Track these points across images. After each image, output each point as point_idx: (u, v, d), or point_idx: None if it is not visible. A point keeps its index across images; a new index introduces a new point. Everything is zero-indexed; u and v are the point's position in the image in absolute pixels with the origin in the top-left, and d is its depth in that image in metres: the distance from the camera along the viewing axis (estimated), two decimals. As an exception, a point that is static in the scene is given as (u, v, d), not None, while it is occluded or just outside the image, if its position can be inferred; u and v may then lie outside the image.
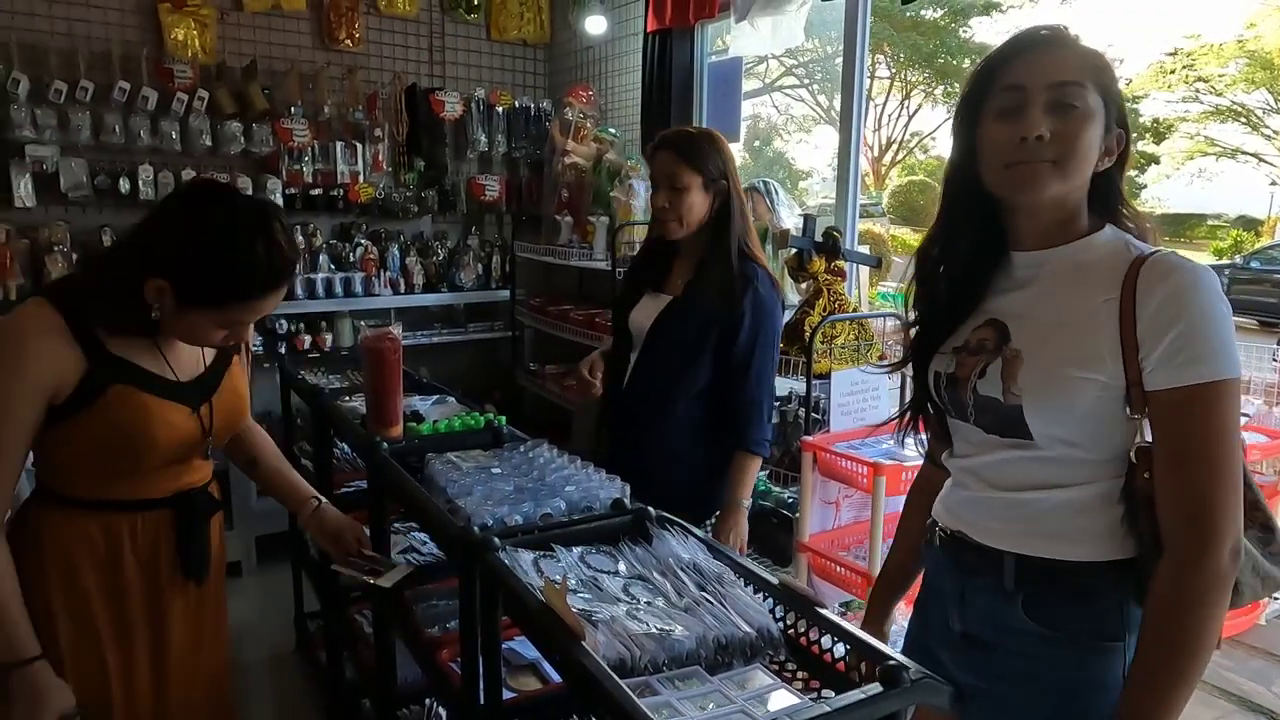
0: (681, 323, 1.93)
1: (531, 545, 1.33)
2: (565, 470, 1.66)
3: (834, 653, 1.14)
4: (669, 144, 1.92)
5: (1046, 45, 1.14)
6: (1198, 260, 1.11)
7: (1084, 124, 1.11)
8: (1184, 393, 1.03)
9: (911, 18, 19.61)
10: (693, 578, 1.28)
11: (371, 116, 3.87)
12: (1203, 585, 1.01)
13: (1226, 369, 1.02)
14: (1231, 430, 1.02)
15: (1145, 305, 1.05)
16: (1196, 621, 1.01)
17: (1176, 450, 1.04)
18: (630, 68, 3.70)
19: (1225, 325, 1.04)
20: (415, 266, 3.93)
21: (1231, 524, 1.01)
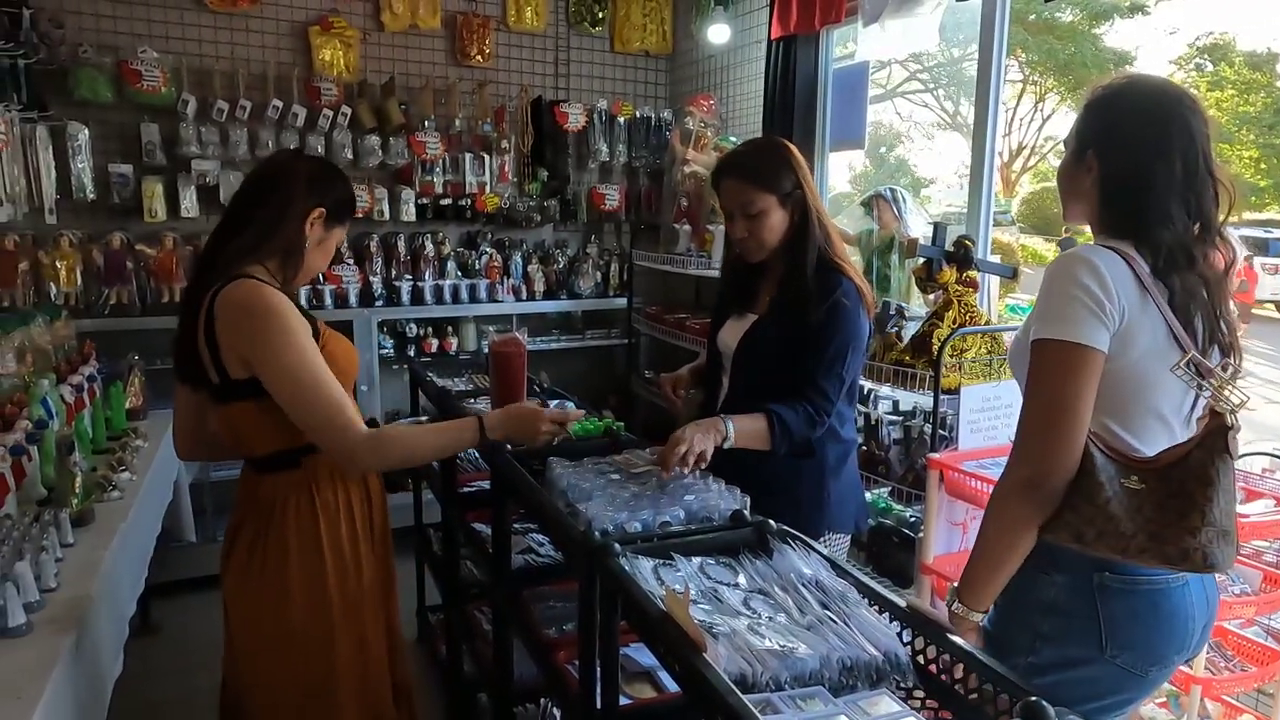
0: (765, 342, 1.86)
1: (651, 553, 1.33)
2: (684, 479, 1.66)
3: (966, 683, 1.09)
4: (735, 169, 1.85)
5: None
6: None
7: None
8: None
9: (1046, 20, 18.62)
10: (815, 595, 1.25)
11: (499, 129, 4.00)
12: (996, 495, 1.33)
13: (1042, 331, 1.27)
14: (1043, 381, 1.27)
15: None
16: (989, 521, 1.33)
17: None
18: (752, 75, 3.67)
19: (1054, 296, 1.28)
20: (536, 274, 4.04)
21: (1023, 460, 1.28)
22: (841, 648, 1.11)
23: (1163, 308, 1.28)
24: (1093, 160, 1.35)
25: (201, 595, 3.21)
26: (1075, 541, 1.28)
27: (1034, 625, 1.36)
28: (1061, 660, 1.35)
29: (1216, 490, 1.22)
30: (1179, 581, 1.34)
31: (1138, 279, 1.28)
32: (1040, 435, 1.26)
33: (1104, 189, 1.35)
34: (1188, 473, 1.25)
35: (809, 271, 1.82)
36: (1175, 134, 1.29)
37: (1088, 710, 1.40)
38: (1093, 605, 1.33)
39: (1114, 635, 1.32)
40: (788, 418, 1.78)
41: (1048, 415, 1.26)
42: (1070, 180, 1.41)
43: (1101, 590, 1.33)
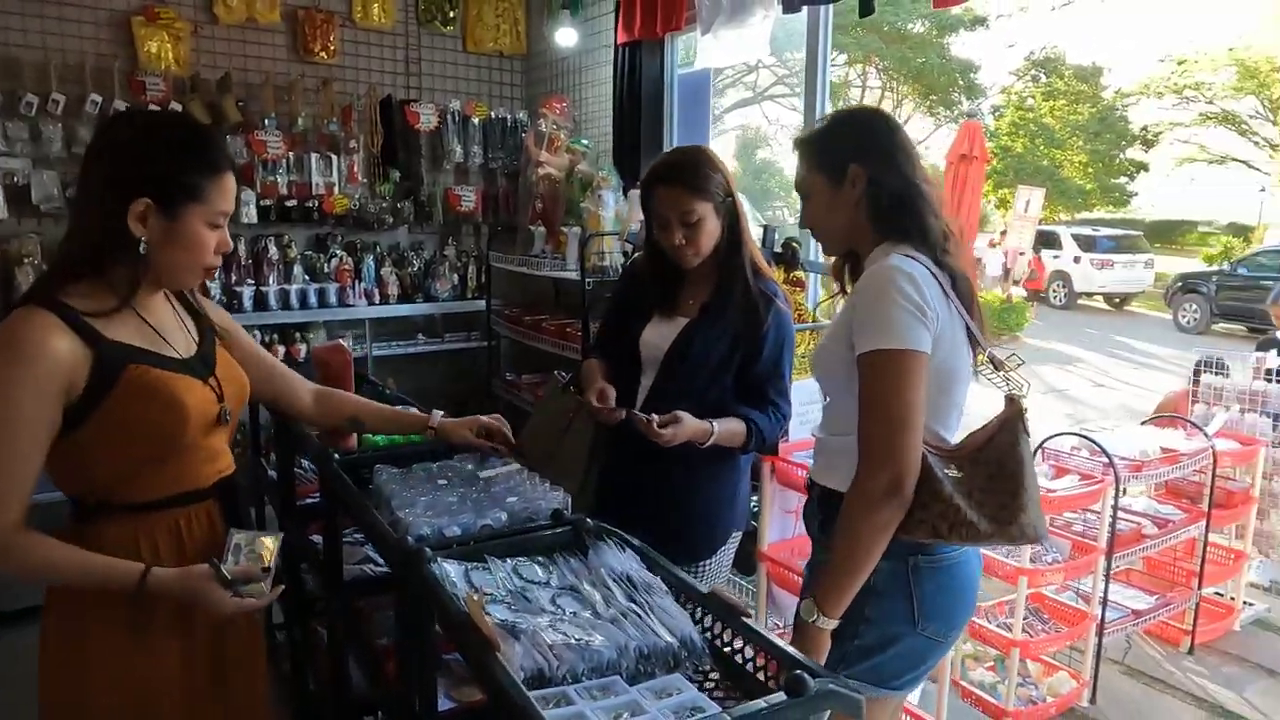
0: (704, 346, 1.86)
1: (465, 557, 1.34)
2: (511, 481, 1.68)
3: (755, 662, 1.16)
4: (668, 177, 1.84)
5: None
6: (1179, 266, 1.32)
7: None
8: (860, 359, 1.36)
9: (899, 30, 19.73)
10: (623, 588, 1.29)
11: (346, 128, 3.89)
12: (861, 505, 1.34)
13: (875, 343, 1.33)
14: (883, 390, 1.33)
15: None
16: (857, 532, 1.34)
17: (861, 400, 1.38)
18: (602, 79, 3.73)
19: (878, 307, 1.34)
20: (390, 277, 3.95)
21: (882, 465, 1.32)
22: (638, 637, 1.15)
23: (957, 306, 1.40)
24: (858, 174, 1.44)
25: None
26: (934, 536, 1.37)
27: (861, 610, 1.43)
28: (883, 640, 1.45)
29: (1029, 467, 1.38)
30: (967, 553, 1.49)
31: (938, 282, 1.39)
32: (893, 439, 1.32)
33: (875, 199, 1.44)
34: (1002, 455, 1.38)
35: (749, 278, 1.85)
36: (901, 135, 1.46)
37: (904, 681, 1.51)
38: (908, 586, 1.44)
39: (924, 610, 1.45)
40: (761, 423, 1.85)
41: (897, 419, 1.32)
42: (830, 208, 1.48)
43: (915, 572, 1.44)
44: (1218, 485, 3.73)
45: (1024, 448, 1.38)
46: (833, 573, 1.37)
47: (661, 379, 1.89)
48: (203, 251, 1.37)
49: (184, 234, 1.33)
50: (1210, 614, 3.86)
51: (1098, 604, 3.29)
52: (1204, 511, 3.66)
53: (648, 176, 1.90)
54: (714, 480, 1.89)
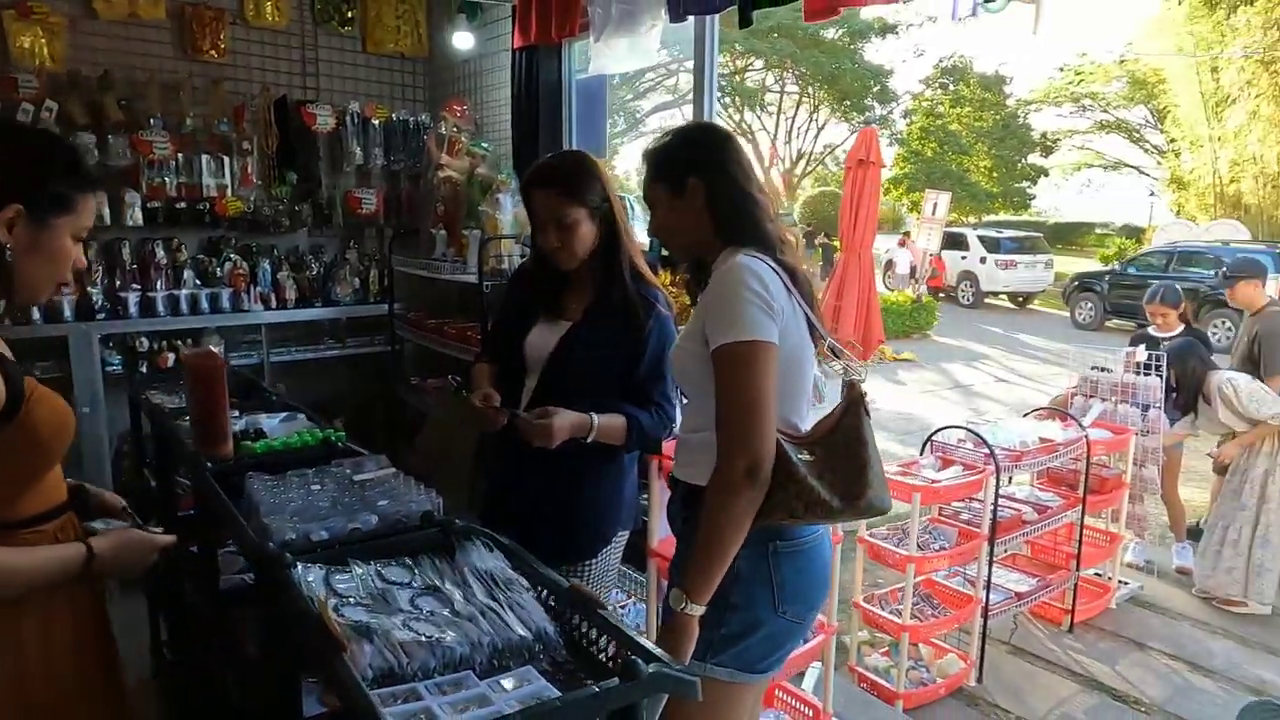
0: (586, 350, 1.88)
1: (329, 561, 1.35)
2: (386, 485, 1.68)
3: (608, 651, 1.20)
4: (545, 181, 1.86)
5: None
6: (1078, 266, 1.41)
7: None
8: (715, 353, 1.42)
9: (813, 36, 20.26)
10: (484, 587, 1.32)
11: (239, 128, 3.79)
12: (722, 492, 1.39)
13: (727, 336, 1.39)
14: (736, 380, 1.39)
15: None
16: (719, 519, 1.39)
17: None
18: (502, 83, 3.73)
19: (728, 304, 1.41)
20: (288, 281, 3.87)
21: (740, 451, 1.37)
22: (491, 632, 1.18)
23: (798, 300, 1.49)
24: (696, 186, 1.52)
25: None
26: (790, 518, 1.44)
27: (726, 598, 1.48)
28: (747, 625, 1.51)
29: (872, 446, 1.48)
30: (820, 534, 1.57)
31: (781, 278, 1.46)
32: (749, 425, 1.38)
33: (716, 206, 1.52)
34: (849, 437, 1.48)
35: (628, 282, 1.87)
36: (736, 150, 1.57)
37: (768, 664, 1.58)
38: (768, 571, 1.50)
39: (784, 594, 1.51)
40: (643, 420, 1.86)
41: (751, 406, 1.38)
42: (674, 217, 1.57)
43: (774, 556, 1.50)
44: (1093, 472, 3.97)
45: (867, 428, 1.48)
46: (698, 560, 1.42)
47: (545, 382, 1.91)
48: (64, 264, 1.34)
49: (50, 245, 1.30)
50: (1089, 593, 4.10)
51: (982, 588, 3.47)
52: (1080, 497, 3.89)
53: (525, 180, 1.92)
54: (599, 481, 1.91)
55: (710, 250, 1.56)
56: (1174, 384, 4.48)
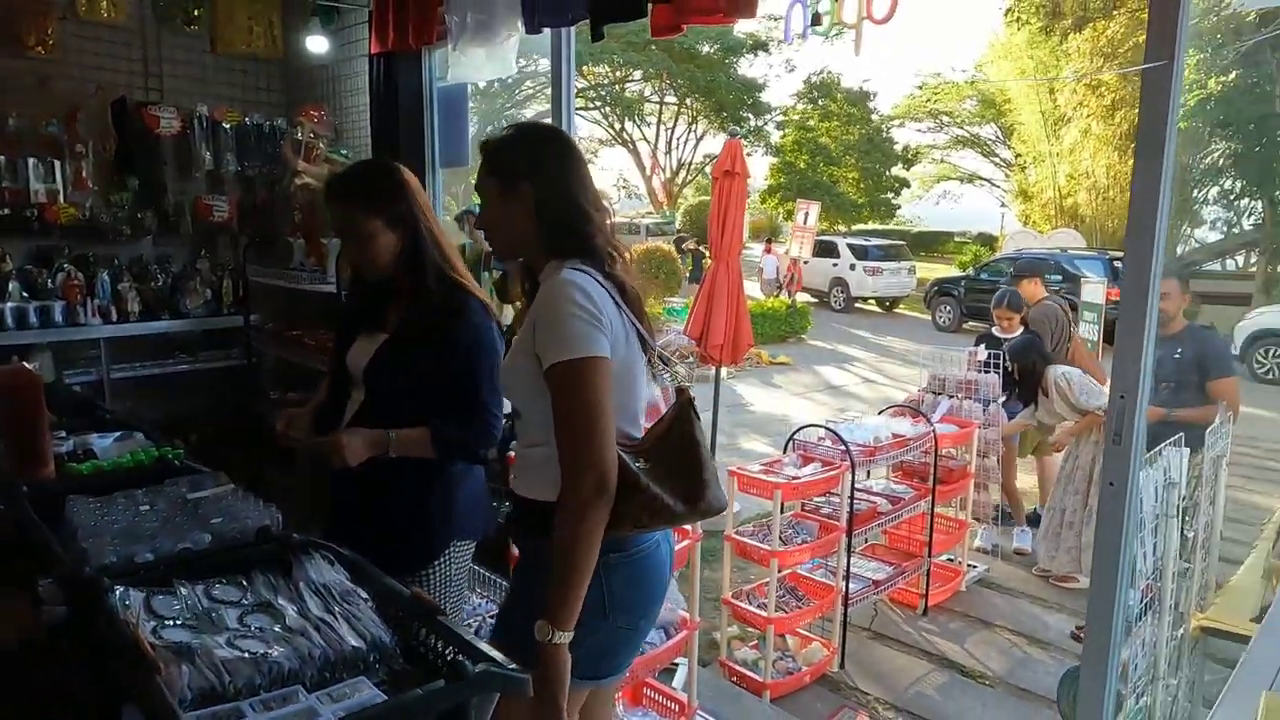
0: (397, 362, 1.85)
1: (152, 582, 1.29)
2: (223, 502, 1.62)
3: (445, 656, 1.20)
4: (341, 193, 1.86)
5: None
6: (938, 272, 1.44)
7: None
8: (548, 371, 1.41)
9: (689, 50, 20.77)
10: (320, 600, 1.30)
11: (71, 130, 3.54)
12: (573, 510, 1.38)
13: (560, 355, 1.39)
14: (573, 398, 1.38)
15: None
16: (574, 539, 1.37)
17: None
18: (361, 88, 3.65)
19: (557, 321, 1.40)
20: (130, 293, 3.64)
21: (586, 467, 1.37)
22: (324, 646, 1.17)
23: (626, 312, 1.50)
24: (527, 190, 1.50)
25: None
26: (637, 527, 1.45)
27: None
28: (581, 634, 1.47)
29: (705, 447, 1.52)
30: (657, 542, 1.58)
31: (606, 289, 1.46)
32: (590, 442, 1.37)
33: (544, 215, 1.50)
34: (683, 441, 1.51)
35: (434, 292, 1.84)
36: (575, 160, 1.54)
37: (602, 668, 1.56)
38: (599, 582, 1.48)
39: (614, 603, 1.50)
40: (451, 432, 1.82)
41: (591, 423, 1.37)
42: (501, 214, 1.54)
43: (606, 568, 1.47)
44: (941, 464, 4.25)
45: (698, 431, 1.52)
46: (557, 584, 1.39)
47: (367, 396, 1.89)
48: None
49: None
50: (941, 578, 4.38)
51: (842, 578, 3.65)
52: (930, 488, 4.15)
53: (325, 190, 1.91)
54: (422, 492, 1.87)
55: (535, 256, 1.55)
56: (1017, 378, 4.87)
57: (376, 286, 1.91)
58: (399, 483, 1.85)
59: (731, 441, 7.66)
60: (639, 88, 25.12)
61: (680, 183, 29.15)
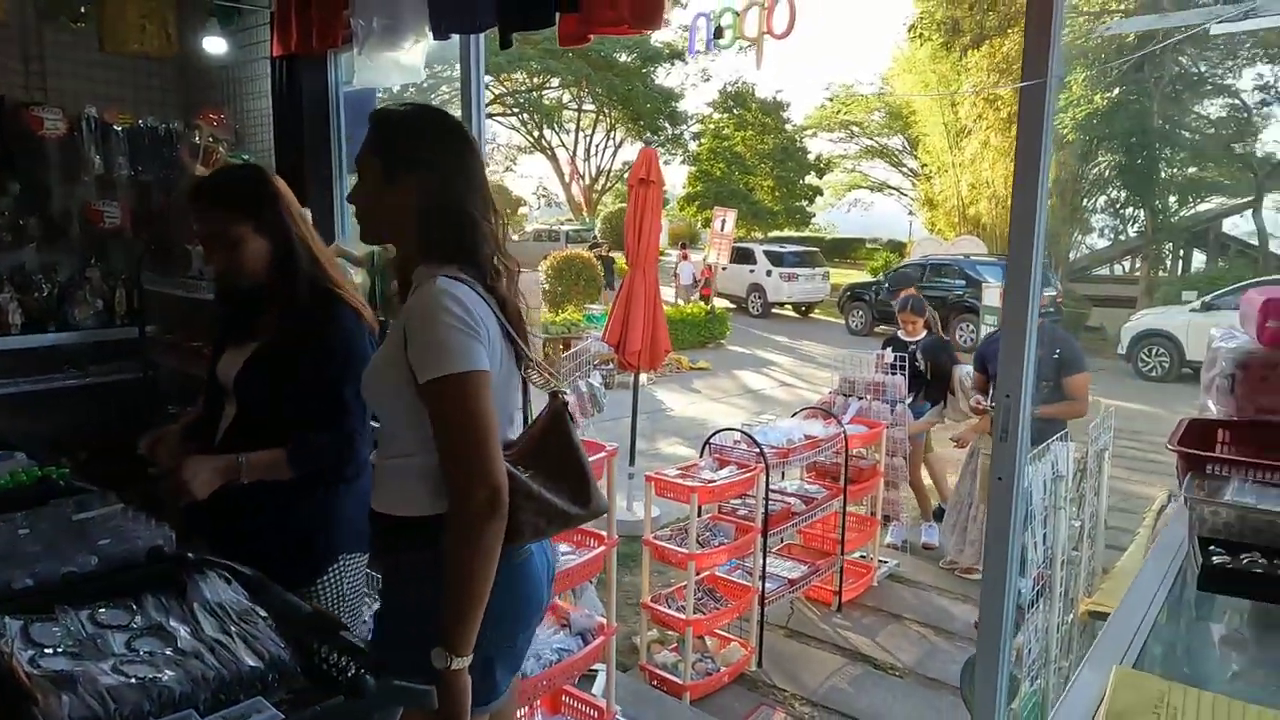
0: (266, 372, 1.79)
1: (30, 609, 1.23)
2: (111, 523, 1.55)
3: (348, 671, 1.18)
4: (207, 197, 1.80)
5: None
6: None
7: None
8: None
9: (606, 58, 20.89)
10: (215, 620, 1.25)
11: (-59, 131, 3.32)
12: (466, 529, 1.32)
13: (439, 369, 1.32)
14: (457, 413, 1.33)
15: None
16: (470, 559, 1.31)
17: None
18: (263, 92, 3.54)
19: (433, 334, 1.33)
20: (10, 304, 3.42)
21: (477, 483, 1.31)
22: (218, 667, 1.13)
23: (503, 322, 1.44)
24: (413, 181, 1.40)
25: None
26: (535, 535, 1.42)
27: (423, 625, 1.36)
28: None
29: (583, 450, 1.51)
30: (530, 552, 1.49)
31: (485, 301, 1.40)
32: (479, 457, 1.31)
33: (426, 211, 1.41)
34: (561, 445, 1.49)
35: (303, 299, 1.78)
36: (472, 161, 1.45)
37: (486, 690, 1.46)
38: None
39: (493, 615, 1.36)
40: (310, 448, 1.75)
41: (480, 436, 1.32)
42: (379, 203, 1.44)
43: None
44: (852, 464, 4.39)
45: (575, 435, 1.50)
46: (454, 608, 1.31)
47: (238, 408, 1.82)
48: None
49: None
50: (854, 574, 4.52)
51: (759, 578, 3.72)
52: (841, 487, 4.28)
53: (189, 195, 1.85)
54: (302, 506, 1.80)
55: (407, 255, 1.47)
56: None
57: (246, 295, 1.84)
58: (272, 500, 1.77)
59: (652, 446, 7.71)
60: (558, 95, 25.10)
61: (600, 189, 29.22)
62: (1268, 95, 17.13)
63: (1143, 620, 0.92)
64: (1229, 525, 1.03)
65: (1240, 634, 1.02)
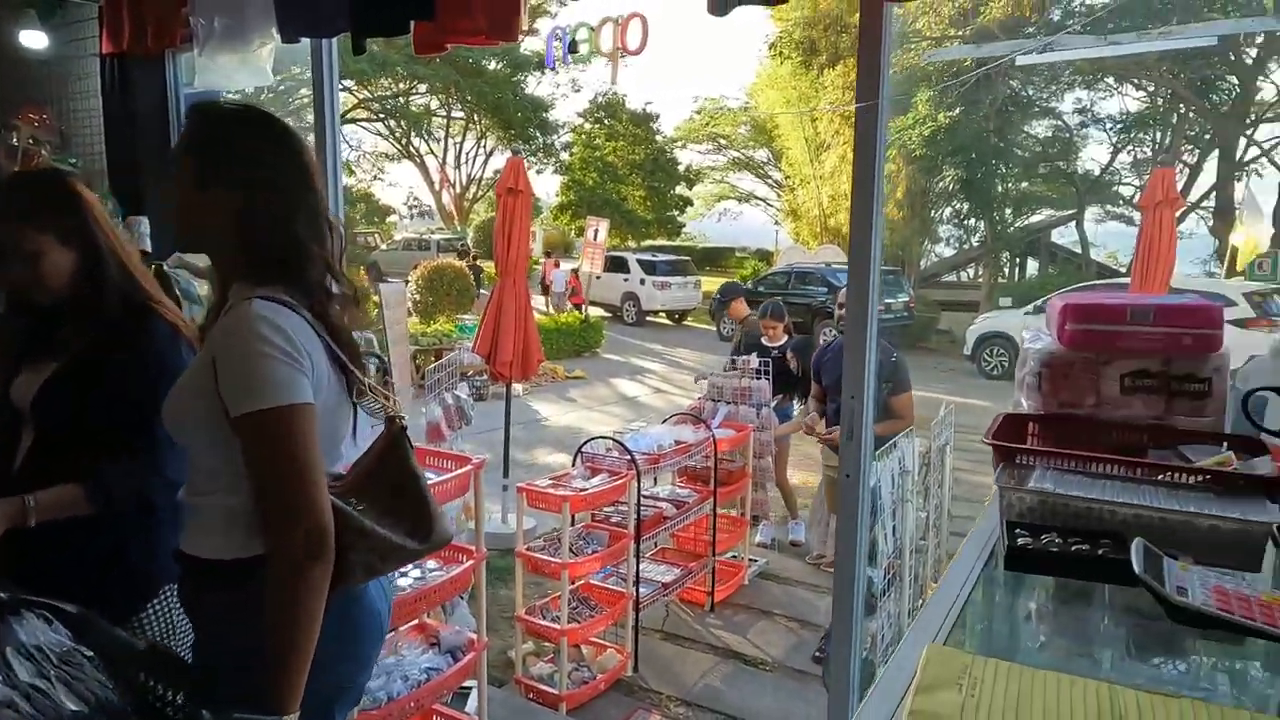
0: (69, 395, 1.63)
1: None
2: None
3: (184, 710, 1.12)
4: (4, 207, 1.65)
5: None
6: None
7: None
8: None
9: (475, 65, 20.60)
10: (31, 665, 1.16)
11: None
12: (281, 574, 1.20)
13: (255, 403, 1.20)
14: (277, 450, 1.21)
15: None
16: (292, 607, 1.19)
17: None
18: (92, 91, 3.29)
19: (247, 362, 1.21)
20: None
21: (299, 521, 1.19)
22: (35, 714, 1.05)
23: (330, 345, 1.32)
24: (224, 191, 1.28)
25: None
26: (369, 575, 1.31)
27: (247, 685, 1.23)
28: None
29: (424, 478, 1.42)
30: (363, 588, 1.38)
31: (309, 324, 1.29)
32: (302, 496, 1.20)
33: (247, 225, 1.28)
34: (399, 474, 1.38)
35: (113, 313, 1.65)
36: (301, 171, 1.32)
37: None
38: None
39: (327, 653, 1.26)
40: (106, 478, 1.60)
41: (301, 475, 1.21)
42: (194, 209, 1.31)
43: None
44: (721, 467, 4.52)
45: (414, 461, 1.39)
46: (275, 662, 1.19)
47: (38, 434, 1.67)
48: None
49: None
50: (725, 574, 4.65)
51: (633, 584, 3.77)
52: (711, 490, 4.40)
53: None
54: (112, 538, 1.67)
55: (225, 270, 1.35)
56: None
57: (47, 311, 1.68)
58: (78, 534, 1.62)
59: (529, 457, 7.66)
60: (426, 101, 24.55)
61: (472, 198, 28.77)
62: (1085, 117, 18.98)
63: (956, 599, 1.00)
64: (1032, 510, 1.14)
65: (1046, 608, 1.13)
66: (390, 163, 27.42)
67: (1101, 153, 20.81)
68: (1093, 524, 1.09)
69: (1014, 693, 0.73)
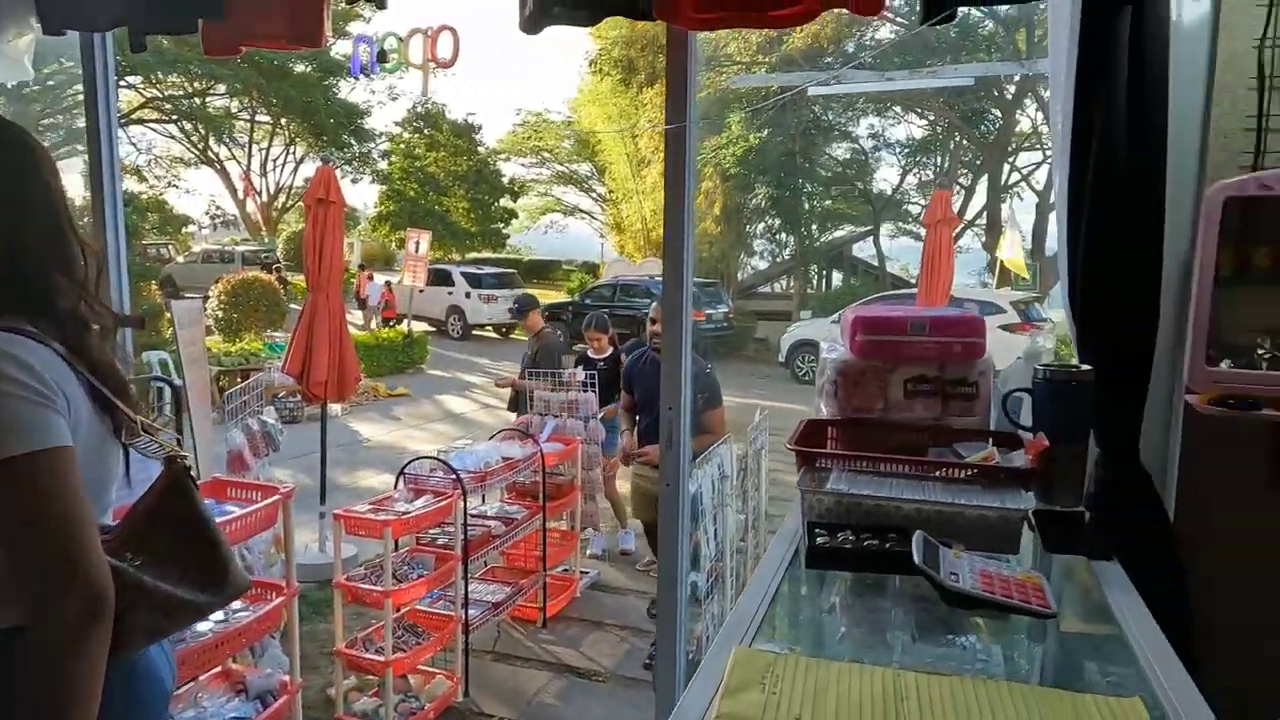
0: None
1: None
2: None
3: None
4: None
5: None
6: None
7: None
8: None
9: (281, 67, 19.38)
10: None
11: None
12: (49, 646, 1.05)
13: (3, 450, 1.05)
14: (34, 503, 1.06)
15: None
16: (69, 679, 1.05)
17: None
18: None
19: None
20: None
21: (77, 582, 1.05)
22: None
23: (89, 380, 1.20)
24: None
25: None
26: (152, 637, 1.19)
27: None
28: None
29: (212, 519, 1.29)
30: (148, 652, 1.27)
31: (61, 358, 1.16)
32: (71, 555, 1.06)
33: None
34: (183, 518, 1.25)
35: None
36: (36, 184, 1.20)
37: None
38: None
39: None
40: None
41: (65, 530, 1.06)
42: None
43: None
44: (550, 481, 4.51)
45: (200, 504, 1.28)
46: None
47: None
48: None
49: None
50: (557, 589, 4.63)
51: (461, 606, 3.67)
52: (541, 505, 4.38)
53: None
54: None
55: None
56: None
57: None
58: None
59: (351, 481, 7.29)
60: (226, 103, 22.80)
61: (281, 207, 27.04)
62: (878, 142, 20.79)
63: (764, 598, 1.06)
64: (830, 510, 1.23)
65: (846, 601, 1.21)
66: (187, 168, 25.20)
67: (893, 174, 22.93)
68: (883, 520, 1.19)
69: (811, 687, 0.78)
